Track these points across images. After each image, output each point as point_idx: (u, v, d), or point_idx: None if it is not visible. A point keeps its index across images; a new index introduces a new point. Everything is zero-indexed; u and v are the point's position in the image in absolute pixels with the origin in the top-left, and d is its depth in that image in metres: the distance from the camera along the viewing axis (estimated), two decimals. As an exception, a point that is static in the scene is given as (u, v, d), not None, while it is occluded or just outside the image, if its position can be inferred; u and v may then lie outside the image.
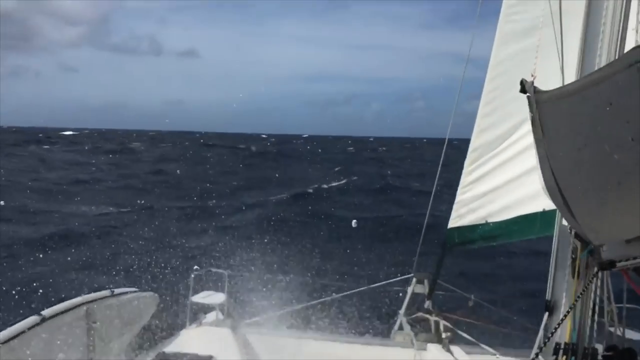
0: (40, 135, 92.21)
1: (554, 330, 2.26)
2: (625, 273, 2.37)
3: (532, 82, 2.18)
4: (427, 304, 5.79)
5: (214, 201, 25.94)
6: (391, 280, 6.17)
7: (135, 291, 4.75)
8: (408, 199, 26.47)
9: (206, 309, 5.67)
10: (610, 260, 2.35)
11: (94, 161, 46.34)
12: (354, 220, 18.91)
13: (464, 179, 5.52)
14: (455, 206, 5.60)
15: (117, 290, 4.40)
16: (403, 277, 6.08)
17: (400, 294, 6.07)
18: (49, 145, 66.96)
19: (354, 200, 26.79)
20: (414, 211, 20.99)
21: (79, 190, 29.43)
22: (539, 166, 2.20)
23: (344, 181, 35.41)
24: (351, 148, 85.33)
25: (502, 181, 5.26)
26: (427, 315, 5.72)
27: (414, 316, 5.83)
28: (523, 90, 2.16)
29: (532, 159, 4.92)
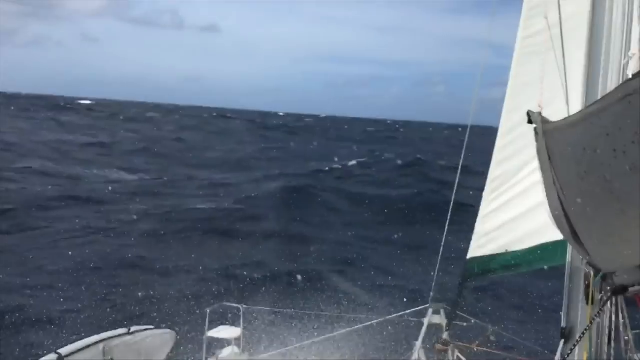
0: (62, 103, 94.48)
1: (566, 356, 2.24)
2: (638, 298, 2.36)
3: (540, 113, 2.21)
4: (445, 334, 5.72)
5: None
6: (407, 312, 6.12)
7: (151, 329, 4.77)
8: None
9: (222, 343, 5.66)
10: (622, 285, 2.35)
11: (112, 127, 48.42)
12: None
13: (484, 209, 5.49)
14: (475, 236, 5.56)
15: (133, 328, 4.43)
16: (419, 307, 6.03)
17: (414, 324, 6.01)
18: (69, 112, 69.34)
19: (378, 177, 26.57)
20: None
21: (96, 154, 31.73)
22: (545, 195, 2.22)
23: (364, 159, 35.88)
24: (371, 128, 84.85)
25: (522, 210, 5.23)
26: (445, 347, 5.65)
27: (431, 346, 5.76)
28: (530, 121, 2.20)
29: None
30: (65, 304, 11.48)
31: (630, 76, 1.58)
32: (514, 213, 5.28)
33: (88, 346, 3.76)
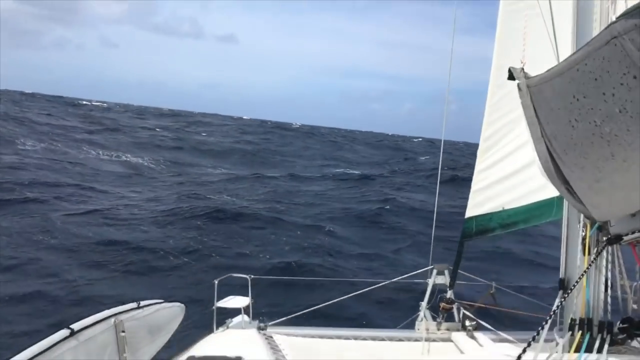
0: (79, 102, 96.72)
1: (560, 303, 2.31)
2: (633, 246, 2.42)
3: (522, 69, 2.23)
4: (449, 293, 5.82)
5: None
6: (412, 273, 6.21)
7: (161, 302, 4.87)
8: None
9: (232, 313, 5.77)
10: (617, 234, 2.41)
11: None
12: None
13: (478, 167, 5.55)
14: (471, 195, 5.63)
15: (143, 302, 4.52)
16: (423, 269, 6.12)
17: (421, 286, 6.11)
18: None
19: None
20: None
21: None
22: (534, 150, 2.26)
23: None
24: (386, 142, 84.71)
25: (517, 168, 5.28)
26: (450, 305, 5.76)
27: (436, 306, 5.87)
28: (511, 77, 2.22)
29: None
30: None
31: (614, 19, 1.60)
32: (509, 171, 5.33)
33: (99, 321, 3.85)
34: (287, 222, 17.58)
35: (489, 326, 5.42)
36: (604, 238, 2.52)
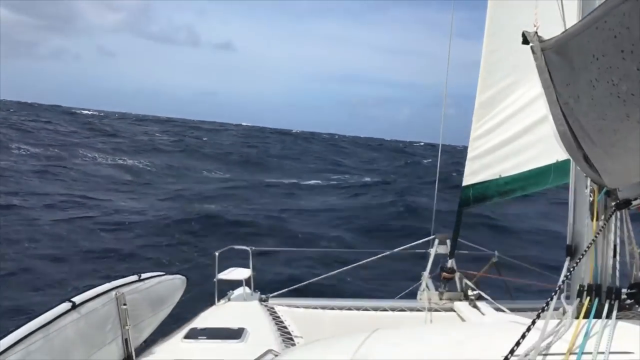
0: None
1: (571, 269, 2.28)
2: None
3: (536, 32, 2.17)
4: (450, 262, 5.82)
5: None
6: (413, 243, 6.19)
7: (162, 274, 4.85)
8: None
9: (233, 285, 5.78)
10: (626, 199, 2.37)
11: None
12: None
13: (473, 134, 5.48)
14: (467, 163, 5.59)
15: (144, 275, 4.50)
16: (425, 239, 6.11)
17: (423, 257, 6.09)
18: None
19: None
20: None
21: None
22: (549, 114, 2.20)
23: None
24: (385, 148, 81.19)
25: (513, 134, 5.23)
26: (451, 275, 5.76)
27: (437, 275, 5.87)
28: (525, 41, 2.16)
29: (541, 109, 4.89)
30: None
31: None
32: (505, 138, 5.29)
33: (100, 294, 3.83)
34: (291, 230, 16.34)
35: (488, 297, 5.42)
36: (612, 203, 2.48)
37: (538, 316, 1.77)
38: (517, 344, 1.62)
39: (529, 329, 1.68)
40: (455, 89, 6.19)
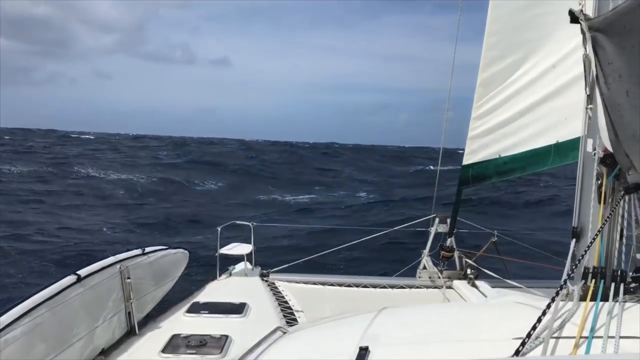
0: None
1: (583, 254, 2.29)
2: None
3: (582, 10, 2.13)
4: (449, 241, 5.84)
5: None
6: (414, 222, 6.22)
7: (165, 248, 4.87)
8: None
9: (234, 260, 5.81)
10: (636, 183, 2.37)
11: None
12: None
13: (474, 113, 5.45)
14: (467, 142, 5.56)
15: (148, 249, 4.51)
16: (425, 217, 6.12)
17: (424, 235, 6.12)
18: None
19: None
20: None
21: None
22: (591, 91, 2.16)
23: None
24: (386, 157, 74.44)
25: (513, 113, 5.20)
26: (450, 253, 5.79)
27: (437, 254, 5.91)
28: (574, 19, 2.10)
29: (543, 89, 4.90)
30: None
31: None
32: (505, 117, 5.25)
33: (105, 267, 3.84)
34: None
35: (490, 273, 5.46)
36: (621, 187, 2.48)
37: (553, 300, 1.78)
38: (534, 327, 1.63)
39: (544, 313, 1.69)
40: (453, 92, 6.15)
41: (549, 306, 1.75)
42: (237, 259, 5.80)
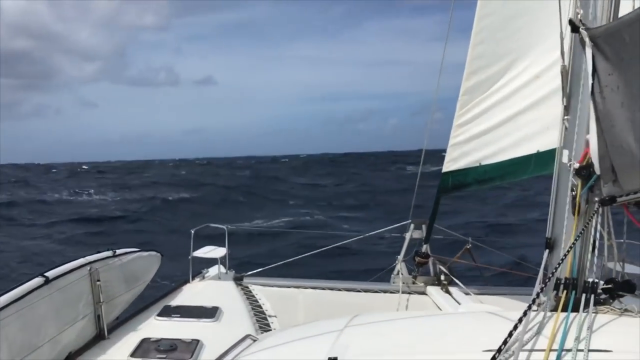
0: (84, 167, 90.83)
1: (557, 267, 2.29)
2: (625, 207, 2.40)
3: (581, 19, 2.12)
4: (425, 247, 5.86)
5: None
6: (389, 227, 6.22)
7: (137, 251, 4.78)
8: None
9: (208, 263, 5.74)
10: (611, 195, 2.38)
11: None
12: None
13: (456, 122, 5.48)
14: (448, 150, 5.58)
15: (119, 251, 4.43)
16: (401, 223, 6.13)
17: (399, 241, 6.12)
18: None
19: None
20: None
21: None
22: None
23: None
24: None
25: (495, 122, 5.24)
26: (425, 259, 5.81)
27: (411, 260, 5.92)
28: (574, 29, 2.10)
29: (525, 99, 4.94)
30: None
31: None
32: (487, 125, 5.29)
33: (74, 269, 3.75)
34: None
35: (465, 279, 5.49)
36: (596, 199, 2.50)
37: (525, 313, 1.78)
38: (505, 342, 1.62)
39: (515, 327, 1.69)
40: (440, 93, 6.16)
41: (520, 320, 1.74)
42: (211, 262, 5.73)
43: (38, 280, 3.34)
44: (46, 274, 3.43)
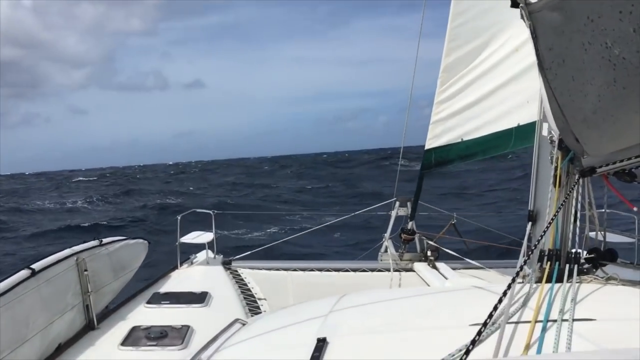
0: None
1: (539, 238, 2.33)
2: (605, 178, 2.44)
3: None
4: (410, 224, 5.91)
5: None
6: (375, 206, 6.26)
7: (124, 239, 4.76)
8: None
9: (196, 249, 5.74)
10: (590, 166, 2.42)
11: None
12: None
13: (437, 99, 5.50)
14: (430, 127, 5.61)
15: (105, 240, 4.40)
16: (386, 201, 6.17)
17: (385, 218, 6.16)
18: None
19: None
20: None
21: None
22: (539, 76, 2.19)
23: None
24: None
25: (476, 98, 5.27)
26: (411, 236, 5.86)
27: (398, 237, 5.97)
28: (514, 3, 2.10)
29: (504, 73, 4.96)
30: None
31: None
32: (468, 101, 5.32)
33: (61, 260, 3.72)
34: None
35: (452, 253, 5.55)
36: (576, 170, 2.53)
37: (509, 286, 1.81)
38: (490, 315, 1.65)
39: (500, 301, 1.72)
40: (426, 89, 6.17)
41: (505, 293, 1.77)
42: (199, 247, 5.73)
43: (24, 273, 3.31)
44: (32, 266, 3.40)
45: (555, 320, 1.80)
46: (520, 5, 2.04)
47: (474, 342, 1.48)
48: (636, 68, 1.57)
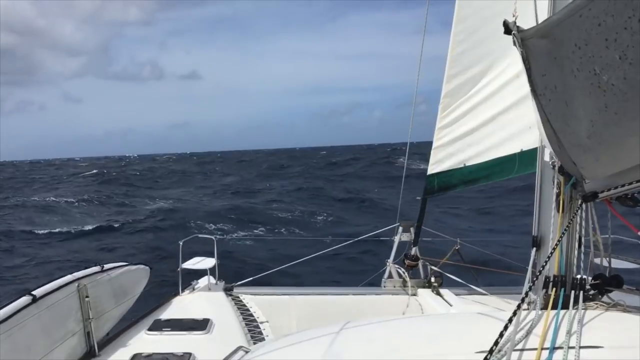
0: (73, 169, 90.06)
1: (544, 264, 2.31)
2: (608, 203, 2.43)
3: (515, 22, 2.16)
4: (414, 250, 5.88)
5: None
6: (378, 231, 6.24)
7: (125, 265, 4.74)
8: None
9: (198, 275, 5.70)
10: (593, 191, 2.41)
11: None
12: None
13: (439, 124, 5.53)
14: (432, 152, 5.63)
15: (107, 266, 4.38)
16: (389, 227, 6.15)
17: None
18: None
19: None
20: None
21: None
22: (533, 102, 2.21)
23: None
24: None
25: (478, 123, 5.28)
26: (414, 262, 5.83)
27: (401, 263, 5.93)
28: (507, 31, 2.14)
29: (506, 99, 4.99)
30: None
31: None
32: (470, 127, 5.34)
33: (62, 286, 3.71)
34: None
35: (456, 279, 5.50)
36: (579, 195, 2.52)
37: (515, 313, 1.79)
38: (496, 343, 1.63)
39: (506, 327, 1.69)
40: (423, 85, 6.20)
41: (510, 320, 1.75)
42: (201, 273, 5.70)
43: (25, 299, 3.29)
44: (33, 292, 3.38)
45: (561, 347, 1.78)
46: (513, 32, 2.07)
47: None
48: (625, 94, 1.58)
